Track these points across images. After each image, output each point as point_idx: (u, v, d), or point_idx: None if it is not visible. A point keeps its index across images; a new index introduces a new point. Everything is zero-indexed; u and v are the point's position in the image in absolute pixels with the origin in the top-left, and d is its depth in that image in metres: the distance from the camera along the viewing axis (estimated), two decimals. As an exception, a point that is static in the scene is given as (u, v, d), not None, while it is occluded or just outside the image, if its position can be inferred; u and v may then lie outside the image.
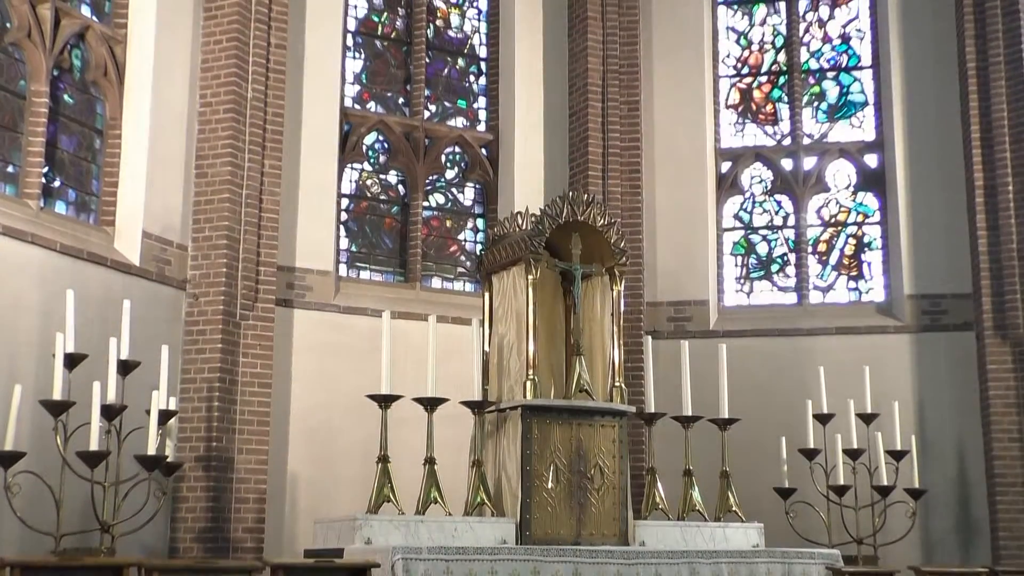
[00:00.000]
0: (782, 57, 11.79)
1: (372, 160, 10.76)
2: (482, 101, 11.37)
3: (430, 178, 10.91)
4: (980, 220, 10.24)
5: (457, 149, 11.09)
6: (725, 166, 11.57)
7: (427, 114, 10.98)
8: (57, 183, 8.29)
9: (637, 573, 7.10)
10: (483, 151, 11.10)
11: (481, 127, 11.27)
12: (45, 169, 8.04)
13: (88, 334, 6.98)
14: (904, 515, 9.33)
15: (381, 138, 10.77)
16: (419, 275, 10.60)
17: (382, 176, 10.81)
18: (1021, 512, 9.75)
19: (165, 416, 7.20)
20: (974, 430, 10.19)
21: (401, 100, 11.00)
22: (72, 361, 6.67)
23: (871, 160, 11.33)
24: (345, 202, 10.53)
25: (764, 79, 11.84)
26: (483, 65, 11.44)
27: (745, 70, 11.88)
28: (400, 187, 10.86)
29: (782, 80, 11.75)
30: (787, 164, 11.50)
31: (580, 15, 11.17)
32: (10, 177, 7.83)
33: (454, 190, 11.13)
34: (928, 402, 10.45)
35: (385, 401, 7.27)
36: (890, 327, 10.77)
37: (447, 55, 11.35)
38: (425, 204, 10.83)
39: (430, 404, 7.36)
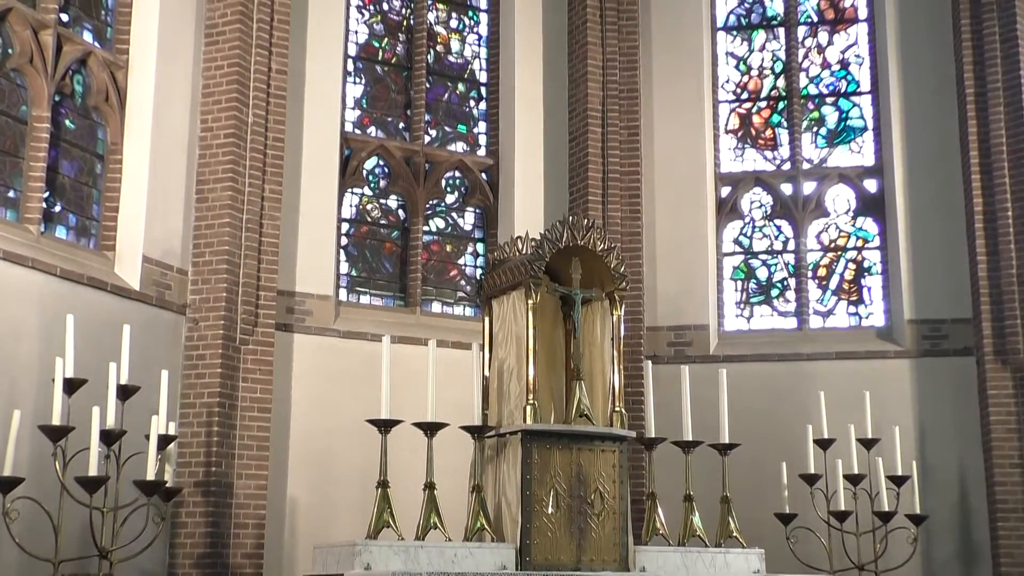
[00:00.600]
0: (781, 83, 11.83)
1: (372, 185, 10.77)
2: (482, 126, 11.40)
3: (430, 203, 10.93)
4: (980, 245, 10.26)
5: (457, 174, 11.11)
6: (725, 191, 11.59)
7: (427, 139, 11.01)
8: (58, 208, 8.31)
9: (637, 599, 7.08)
10: (483, 176, 11.13)
11: (481, 152, 11.29)
12: (46, 194, 8.06)
13: (88, 359, 6.97)
14: (905, 541, 9.29)
15: (381, 163, 10.79)
16: (419, 300, 10.60)
17: (382, 201, 10.83)
18: (1022, 538, 9.71)
19: (164, 441, 7.19)
20: (975, 456, 10.18)
21: (401, 125, 11.03)
22: (71, 386, 6.66)
23: (870, 185, 11.35)
24: (345, 227, 10.55)
25: (763, 104, 11.88)
26: (483, 90, 11.48)
27: (744, 95, 11.91)
28: (400, 212, 10.88)
29: (781, 105, 11.78)
30: (787, 189, 11.52)
31: (580, 41, 11.21)
32: (11, 202, 7.85)
33: (454, 215, 11.15)
34: (929, 427, 10.43)
35: (385, 426, 7.25)
36: (890, 352, 10.76)
37: (447, 80, 11.39)
38: (425, 229, 10.85)
39: (430, 429, 7.34)
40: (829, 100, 11.74)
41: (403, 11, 11.26)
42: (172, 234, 8.90)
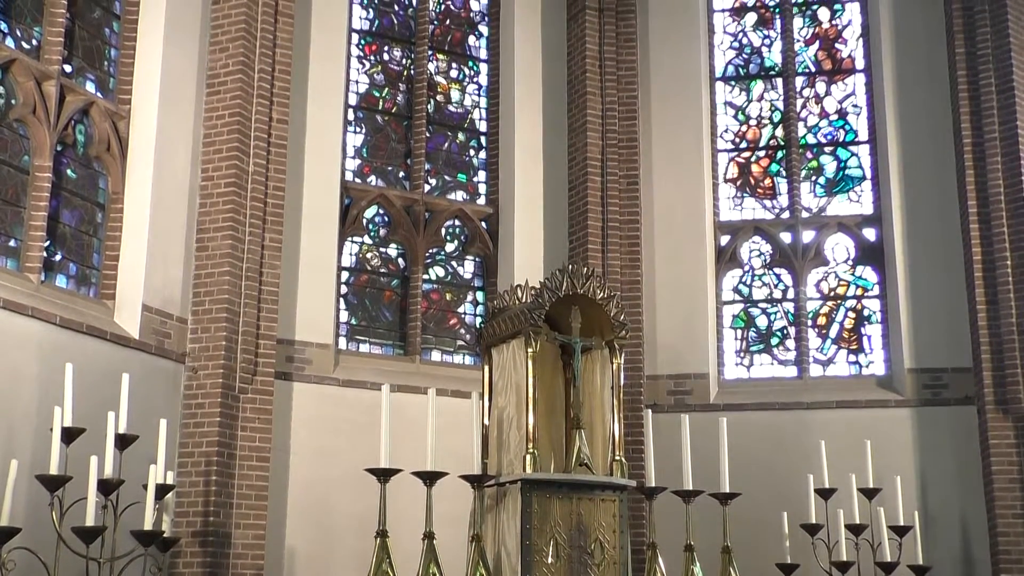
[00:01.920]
0: (780, 132, 11.89)
1: (372, 233, 10.80)
2: (482, 175, 11.44)
3: (430, 251, 10.95)
4: (979, 294, 10.26)
5: (457, 222, 11.14)
6: (724, 239, 11.61)
7: (427, 188, 11.05)
8: (58, 257, 8.32)
9: (638, 651, 7.02)
10: (483, 224, 11.15)
11: (481, 201, 11.33)
12: (46, 243, 8.08)
13: (86, 408, 6.95)
14: (908, 592, 9.23)
15: (381, 211, 10.82)
16: (419, 348, 10.59)
17: (382, 249, 10.85)
18: (1026, 589, 9.65)
19: (162, 490, 7.15)
20: (977, 506, 10.12)
21: (401, 174, 11.08)
22: (70, 435, 6.63)
23: (869, 234, 11.38)
24: (345, 275, 10.56)
25: (762, 153, 11.93)
26: (483, 139, 11.54)
27: (743, 145, 11.97)
28: (400, 260, 10.90)
29: (780, 155, 11.83)
30: (786, 237, 11.54)
31: (579, 91, 11.29)
32: (11, 251, 7.86)
33: (454, 263, 11.17)
34: (930, 477, 10.38)
35: (384, 475, 7.23)
36: (891, 401, 10.74)
37: (447, 129, 11.46)
38: (425, 277, 10.86)
39: (429, 478, 7.31)
40: (827, 149, 11.79)
41: (403, 61, 11.34)
42: (172, 283, 8.91)
